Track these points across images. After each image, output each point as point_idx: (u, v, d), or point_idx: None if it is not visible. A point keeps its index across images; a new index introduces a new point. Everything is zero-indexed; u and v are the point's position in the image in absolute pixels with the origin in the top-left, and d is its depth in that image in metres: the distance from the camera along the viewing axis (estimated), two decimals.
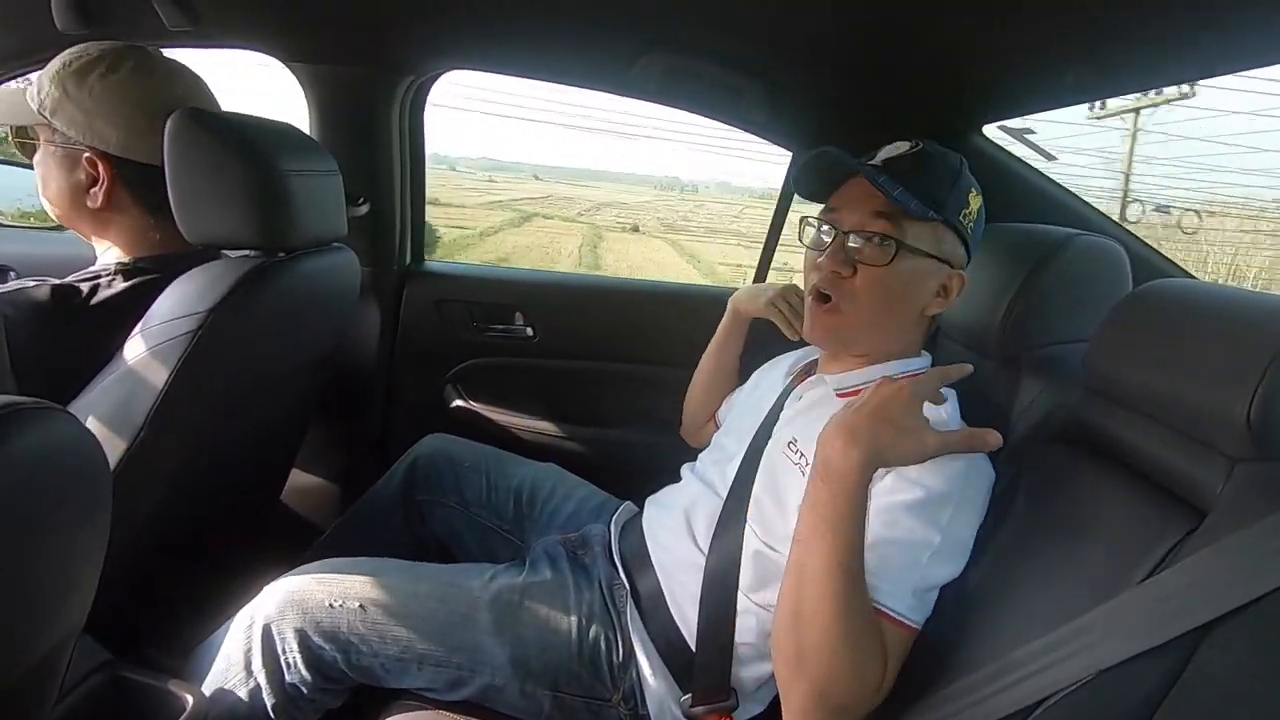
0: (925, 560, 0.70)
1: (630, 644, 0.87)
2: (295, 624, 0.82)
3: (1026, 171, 1.24)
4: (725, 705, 0.84)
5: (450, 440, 1.20)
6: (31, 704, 0.52)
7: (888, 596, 0.68)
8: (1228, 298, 0.62)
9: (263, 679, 0.82)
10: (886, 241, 0.79)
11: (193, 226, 0.85)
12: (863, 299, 0.81)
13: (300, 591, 0.84)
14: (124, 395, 0.80)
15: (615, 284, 1.79)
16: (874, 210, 0.80)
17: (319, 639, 0.82)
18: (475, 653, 0.84)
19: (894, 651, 0.67)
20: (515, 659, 0.83)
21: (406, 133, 1.41)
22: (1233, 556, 0.49)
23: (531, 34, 1.22)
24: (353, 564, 0.89)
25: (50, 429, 0.45)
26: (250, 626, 0.83)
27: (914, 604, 0.69)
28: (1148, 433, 0.64)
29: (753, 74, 1.21)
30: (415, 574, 0.90)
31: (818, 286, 0.83)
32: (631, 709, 0.86)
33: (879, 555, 0.69)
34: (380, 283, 1.42)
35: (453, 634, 0.84)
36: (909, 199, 0.77)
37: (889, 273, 0.80)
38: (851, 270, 0.81)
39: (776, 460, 0.86)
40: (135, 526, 0.84)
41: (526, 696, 0.84)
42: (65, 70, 0.88)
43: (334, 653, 0.82)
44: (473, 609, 0.86)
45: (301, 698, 0.83)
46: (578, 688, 0.85)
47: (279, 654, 0.82)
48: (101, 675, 0.77)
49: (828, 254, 0.81)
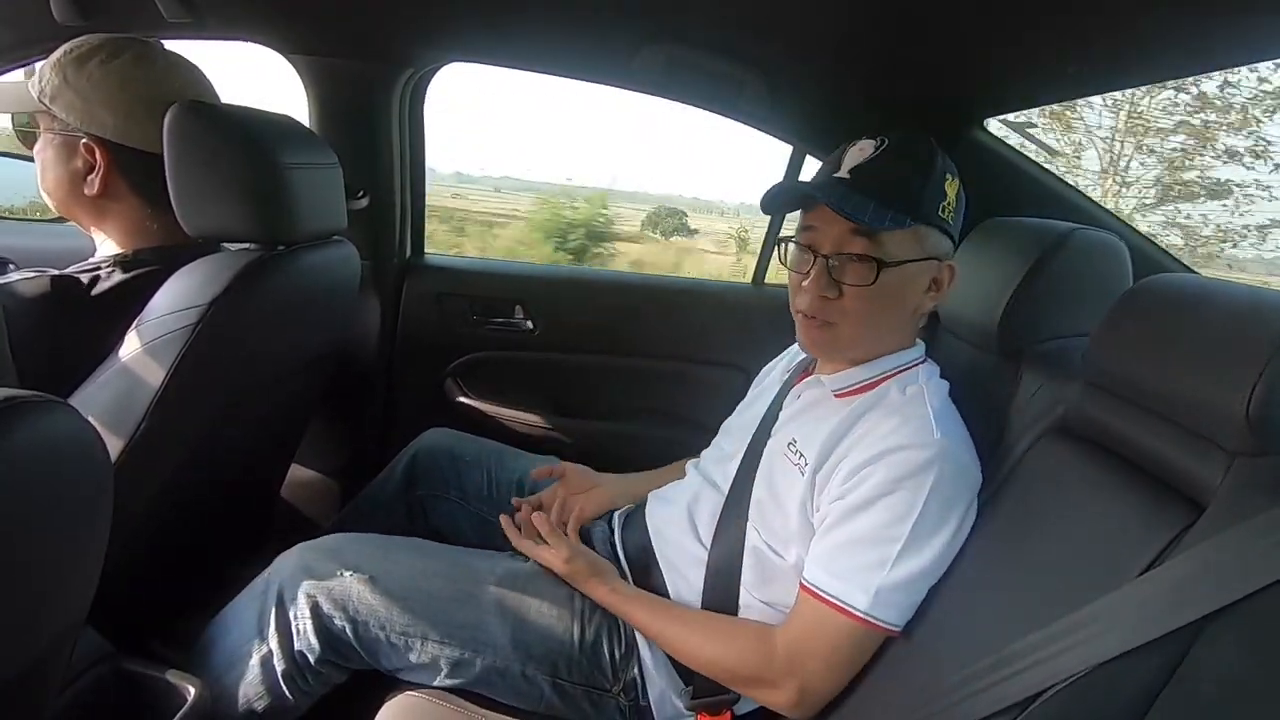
0: (889, 558, 0.72)
1: (632, 637, 0.87)
2: (308, 589, 0.82)
3: (1027, 166, 1.24)
4: (726, 699, 0.85)
5: (450, 435, 1.20)
6: (34, 696, 0.52)
7: (845, 594, 0.72)
8: (1228, 292, 0.62)
9: (274, 644, 0.82)
10: (867, 261, 0.78)
11: (192, 219, 0.85)
12: (853, 316, 0.81)
13: (314, 559, 0.85)
14: (124, 388, 0.80)
15: (616, 278, 1.78)
16: (850, 229, 0.78)
17: (329, 607, 0.82)
18: (478, 631, 0.84)
19: (858, 647, 0.73)
20: (516, 641, 0.84)
21: (406, 125, 1.40)
22: (1231, 550, 0.49)
23: (531, 26, 1.21)
24: (364, 539, 0.90)
25: (51, 422, 0.45)
26: (265, 591, 0.84)
27: (877, 602, 0.71)
28: (1147, 427, 0.64)
29: (753, 67, 1.21)
30: (425, 551, 0.91)
31: (806, 310, 0.82)
32: (632, 700, 0.87)
33: (837, 552, 0.75)
34: (380, 276, 1.42)
35: (458, 611, 0.85)
36: (881, 216, 0.76)
37: (875, 290, 0.79)
38: (837, 292, 0.80)
39: (776, 461, 0.86)
40: (136, 519, 0.84)
41: (527, 680, 0.84)
42: (66, 58, 0.88)
43: (343, 622, 0.82)
44: (478, 588, 0.86)
45: (309, 667, 0.83)
46: (578, 675, 0.86)
47: (290, 619, 0.82)
48: (103, 667, 0.77)
49: (811, 279, 0.80)
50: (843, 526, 0.75)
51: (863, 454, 0.76)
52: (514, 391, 1.48)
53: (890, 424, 0.77)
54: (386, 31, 1.25)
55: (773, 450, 0.88)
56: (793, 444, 0.85)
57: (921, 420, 0.77)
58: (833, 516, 0.76)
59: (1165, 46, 0.84)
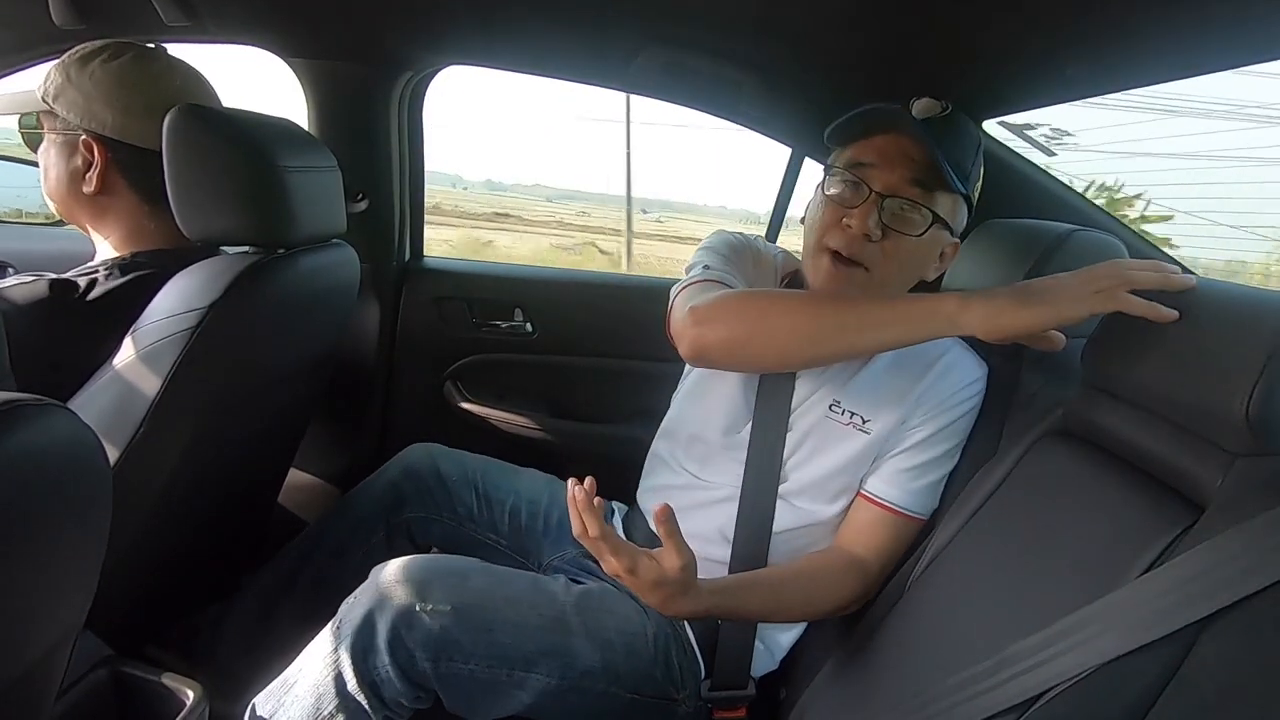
0: (945, 474, 0.86)
1: (691, 644, 0.88)
2: (385, 633, 0.75)
3: (1026, 167, 1.24)
4: (743, 695, 0.87)
5: (433, 452, 1.14)
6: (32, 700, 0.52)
7: (916, 506, 0.85)
8: (1227, 293, 0.62)
9: (363, 698, 0.75)
10: (921, 211, 0.78)
11: (191, 222, 0.85)
12: (887, 265, 0.80)
13: (385, 598, 0.77)
14: (123, 392, 0.80)
15: (615, 280, 1.78)
16: (911, 176, 0.77)
17: (410, 646, 0.75)
18: (568, 657, 0.80)
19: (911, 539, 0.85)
20: (606, 662, 0.82)
21: (405, 128, 1.40)
22: (1231, 551, 0.49)
23: (530, 29, 1.21)
24: (432, 564, 0.82)
25: (50, 426, 0.45)
26: (336, 649, 0.76)
27: (930, 506, 0.85)
28: (1146, 428, 0.64)
29: (751, 69, 1.21)
30: (499, 576, 0.85)
31: (843, 251, 0.79)
32: (693, 704, 0.87)
33: (914, 474, 0.85)
34: (379, 279, 1.42)
35: (545, 638, 0.80)
36: (948, 169, 0.76)
37: (918, 243, 0.79)
38: (881, 234, 0.78)
39: (818, 426, 0.87)
40: (135, 523, 0.84)
41: (608, 699, 0.82)
42: (70, 59, 0.90)
43: (425, 663, 0.75)
44: (561, 612, 0.83)
45: (401, 708, 0.78)
46: (653, 690, 0.85)
47: (371, 669, 0.75)
48: (102, 671, 0.77)
49: (858, 214, 0.78)
50: (921, 451, 0.85)
51: (950, 387, 0.85)
52: (513, 394, 1.47)
53: (955, 357, 0.86)
54: (385, 35, 1.25)
55: (806, 418, 0.88)
56: (836, 406, 0.86)
57: (968, 348, 0.87)
58: (914, 442, 0.85)
59: (1165, 48, 0.84)
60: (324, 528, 1.10)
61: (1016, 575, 0.67)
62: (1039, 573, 0.65)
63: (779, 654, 0.93)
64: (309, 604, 0.97)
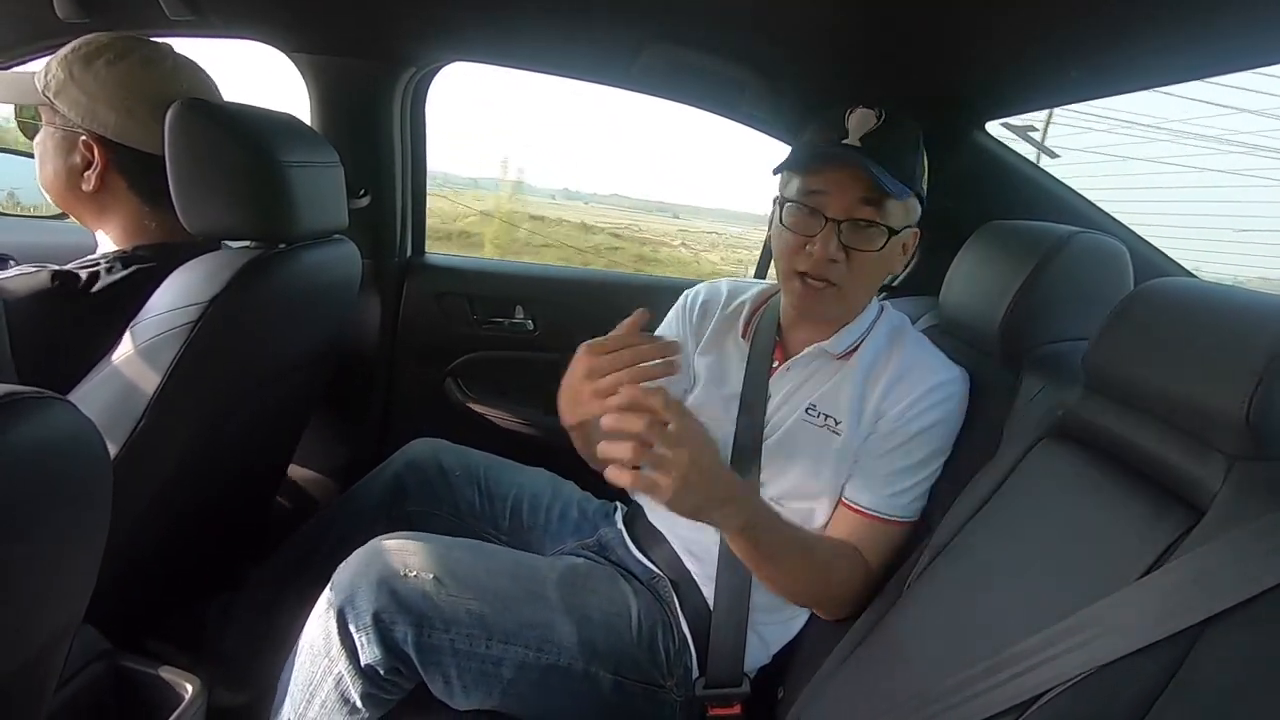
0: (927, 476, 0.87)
1: (682, 632, 0.89)
2: (369, 598, 0.78)
3: (1029, 169, 1.24)
4: (738, 692, 0.87)
5: (437, 446, 1.15)
6: (31, 693, 0.52)
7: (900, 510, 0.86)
8: (1229, 297, 0.62)
9: (344, 665, 0.78)
10: (876, 228, 0.83)
11: (193, 217, 0.85)
12: (854, 279, 0.85)
13: (372, 565, 0.80)
14: (124, 385, 0.80)
15: (616, 277, 1.78)
16: (861, 196, 0.82)
17: (391, 613, 0.78)
18: (547, 630, 0.83)
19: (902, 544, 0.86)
20: (584, 639, 0.83)
21: (408, 125, 1.41)
22: (1230, 554, 0.49)
23: (533, 26, 1.21)
24: (421, 539, 0.85)
25: (50, 419, 0.45)
26: (326, 611, 0.80)
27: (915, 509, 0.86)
28: (1147, 430, 0.64)
29: (755, 69, 1.21)
30: (484, 551, 0.89)
31: (810, 273, 0.85)
32: (685, 695, 0.88)
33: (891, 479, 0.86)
34: (381, 275, 1.42)
35: (524, 609, 0.83)
36: (894, 184, 0.80)
37: (880, 254, 0.84)
38: (844, 256, 0.84)
39: (795, 430, 0.90)
40: (135, 517, 0.84)
41: (589, 680, 0.84)
42: (74, 55, 0.89)
43: (405, 629, 0.77)
44: (542, 586, 0.86)
45: (379, 679, 0.79)
46: (637, 673, 0.86)
47: (353, 633, 0.78)
48: (101, 664, 0.77)
49: (819, 242, 0.83)
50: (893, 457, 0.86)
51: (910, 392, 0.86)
52: (514, 391, 1.48)
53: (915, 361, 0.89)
54: (389, 31, 1.25)
55: (784, 423, 0.91)
56: (811, 409, 0.89)
57: (934, 353, 0.91)
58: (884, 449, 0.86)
59: (1168, 50, 0.84)
60: (327, 521, 1.11)
61: (1016, 577, 0.67)
62: (1038, 574, 0.65)
63: (774, 647, 0.93)
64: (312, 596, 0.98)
